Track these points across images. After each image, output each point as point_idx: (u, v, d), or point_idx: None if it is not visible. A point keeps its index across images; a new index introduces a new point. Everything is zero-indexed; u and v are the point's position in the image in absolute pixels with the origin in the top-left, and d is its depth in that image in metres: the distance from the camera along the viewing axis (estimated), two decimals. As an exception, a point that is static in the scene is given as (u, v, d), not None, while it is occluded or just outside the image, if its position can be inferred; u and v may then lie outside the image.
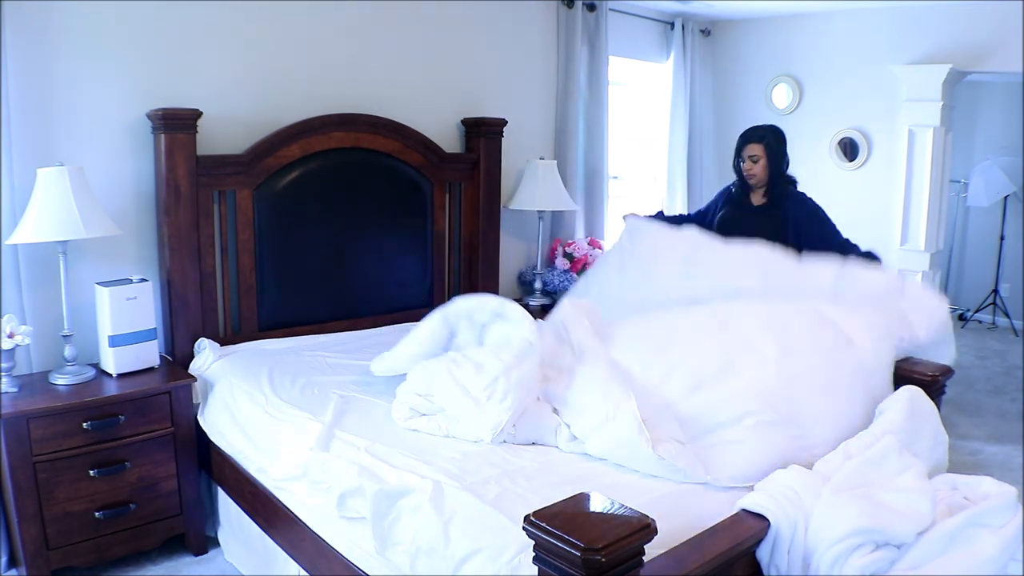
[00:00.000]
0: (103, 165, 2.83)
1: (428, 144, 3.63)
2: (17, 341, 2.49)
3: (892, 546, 1.72)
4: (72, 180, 2.53)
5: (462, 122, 3.90)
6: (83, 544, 2.54)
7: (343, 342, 3.24)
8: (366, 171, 3.44)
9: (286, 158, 3.19)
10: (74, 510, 2.52)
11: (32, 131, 2.67)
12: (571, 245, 4.27)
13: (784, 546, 1.73)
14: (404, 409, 2.45)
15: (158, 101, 2.91)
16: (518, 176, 4.11)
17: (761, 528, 1.74)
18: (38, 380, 2.66)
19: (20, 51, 2.62)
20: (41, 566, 2.48)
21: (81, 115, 2.78)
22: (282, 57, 3.27)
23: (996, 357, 5.96)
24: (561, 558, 1.38)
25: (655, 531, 1.43)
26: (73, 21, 2.72)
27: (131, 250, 2.94)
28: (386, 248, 3.54)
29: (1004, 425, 4.47)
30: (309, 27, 3.33)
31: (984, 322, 6.99)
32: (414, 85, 3.71)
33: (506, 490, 1.97)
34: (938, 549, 1.72)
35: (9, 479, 2.41)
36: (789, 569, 1.72)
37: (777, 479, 1.89)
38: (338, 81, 3.44)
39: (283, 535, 2.43)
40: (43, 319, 2.72)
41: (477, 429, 2.29)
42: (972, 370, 5.58)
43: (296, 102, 3.28)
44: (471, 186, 3.87)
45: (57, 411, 2.46)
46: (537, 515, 1.44)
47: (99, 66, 2.80)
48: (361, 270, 3.47)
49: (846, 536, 1.68)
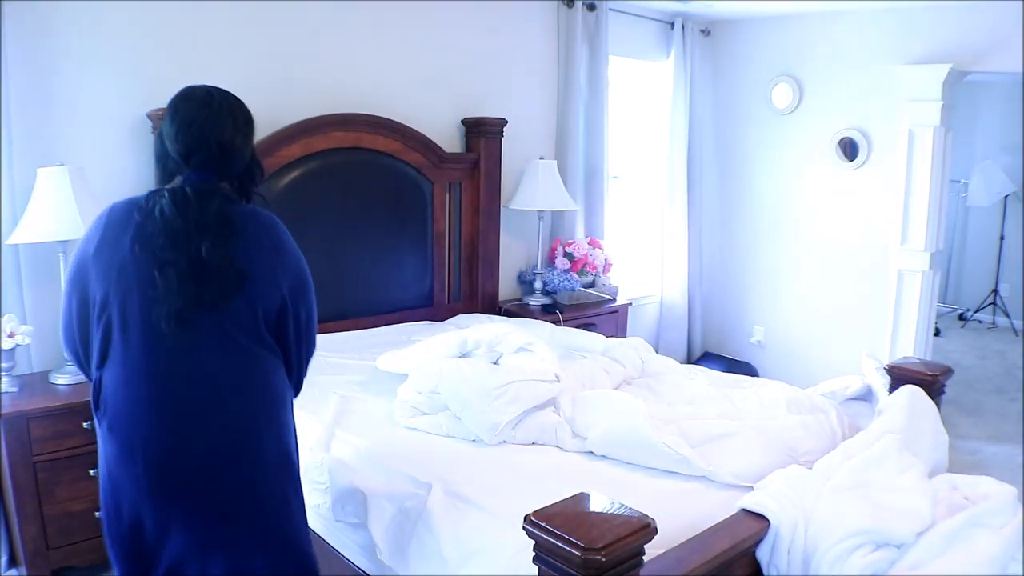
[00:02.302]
0: (103, 165, 2.83)
1: (428, 144, 3.63)
2: (17, 341, 2.49)
3: (892, 546, 1.72)
4: (72, 180, 2.54)
5: (462, 122, 3.89)
6: (83, 544, 2.54)
7: (343, 342, 3.23)
8: (366, 171, 3.44)
9: (286, 158, 3.19)
10: (74, 510, 2.52)
11: (32, 131, 2.67)
12: (571, 245, 4.27)
13: (784, 546, 1.73)
14: (406, 408, 2.45)
15: (158, 101, 2.89)
16: (518, 176, 4.11)
17: (761, 528, 1.74)
18: (38, 380, 2.66)
19: (20, 51, 2.62)
20: (41, 566, 2.48)
21: (81, 115, 2.78)
22: (282, 57, 3.27)
23: (996, 357, 5.96)
24: (561, 558, 1.38)
25: (655, 531, 1.43)
26: (73, 21, 2.72)
27: (131, 250, 2.94)
28: (386, 248, 3.54)
29: (1004, 425, 4.47)
30: (309, 27, 3.33)
31: (984, 322, 6.99)
32: (414, 85, 3.71)
33: (506, 490, 1.97)
34: (938, 549, 1.72)
35: (9, 479, 2.41)
36: (789, 569, 1.72)
37: (777, 479, 1.89)
38: (338, 81, 3.44)
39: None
40: (43, 319, 2.71)
41: (477, 428, 2.29)
42: (972, 370, 5.58)
43: (296, 102, 3.27)
44: (471, 186, 3.87)
45: (57, 411, 2.46)
46: (537, 515, 1.44)
47: (99, 66, 2.80)
48: (361, 270, 3.47)
49: (846, 536, 1.68)
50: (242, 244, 1.61)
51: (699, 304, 5.23)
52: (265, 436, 1.64)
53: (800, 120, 4.77)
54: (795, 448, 2.17)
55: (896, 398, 2.29)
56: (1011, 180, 6.60)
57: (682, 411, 2.49)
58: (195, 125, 1.61)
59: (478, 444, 2.28)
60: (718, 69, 5.14)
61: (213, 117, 1.62)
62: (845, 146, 4.56)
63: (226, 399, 1.59)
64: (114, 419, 1.56)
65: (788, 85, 4.76)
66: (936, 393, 2.45)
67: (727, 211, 5.21)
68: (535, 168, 4.00)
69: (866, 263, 4.55)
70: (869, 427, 2.20)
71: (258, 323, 1.63)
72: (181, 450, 1.55)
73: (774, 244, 5.00)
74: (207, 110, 1.63)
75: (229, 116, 1.65)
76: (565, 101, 4.30)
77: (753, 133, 5.02)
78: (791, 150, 4.85)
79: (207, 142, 1.61)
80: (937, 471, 2.13)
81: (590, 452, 2.23)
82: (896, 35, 4.28)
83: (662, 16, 4.83)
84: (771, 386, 2.69)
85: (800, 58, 4.73)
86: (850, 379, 2.69)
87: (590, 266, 4.27)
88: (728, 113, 5.13)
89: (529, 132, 4.23)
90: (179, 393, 1.55)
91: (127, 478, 1.56)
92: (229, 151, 1.64)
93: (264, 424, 1.64)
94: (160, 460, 1.54)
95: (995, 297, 6.88)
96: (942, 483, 1.99)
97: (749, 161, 5.06)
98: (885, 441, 2.03)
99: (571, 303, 4.12)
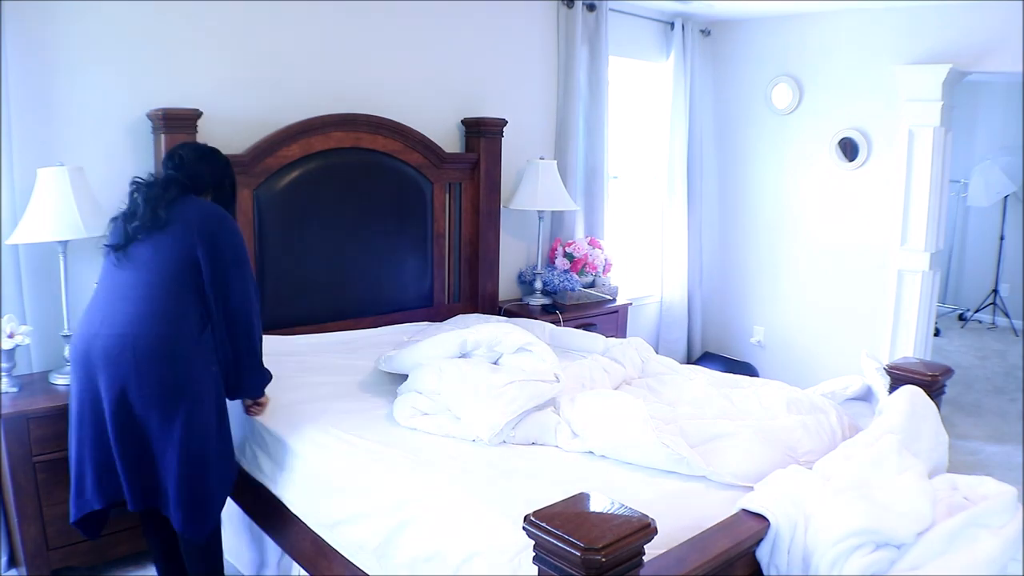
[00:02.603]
0: (103, 165, 2.83)
1: (428, 144, 3.63)
2: (17, 341, 2.49)
3: (892, 546, 1.72)
4: (72, 180, 2.54)
5: (462, 122, 3.89)
6: (83, 544, 2.54)
7: (343, 342, 3.24)
8: (366, 171, 3.44)
9: (286, 158, 3.19)
10: (74, 510, 2.52)
11: (32, 131, 2.67)
12: (571, 245, 4.27)
13: (784, 546, 1.73)
14: (406, 408, 2.45)
15: (158, 101, 2.91)
16: (518, 176, 4.11)
17: (761, 528, 1.74)
18: (38, 380, 2.66)
19: (20, 51, 2.62)
20: (41, 566, 2.48)
21: (81, 115, 2.78)
22: (282, 57, 3.27)
23: (996, 357, 5.96)
24: (561, 558, 1.38)
25: (655, 531, 1.43)
26: (73, 21, 2.72)
27: (131, 250, 2.93)
28: (386, 248, 3.54)
29: (1004, 425, 4.47)
30: (309, 27, 3.33)
31: (984, 322, 6.99)
32: (414, 85, 3.71)
33: (506, 490, 1.96)
34: (938, 549, 1.72)
35: (9, 479, 2.41)
36: (789, 569, 1.72)
37: (777, 479, 1.89)
38: (338, 81, 3.44)
39: (283, 535, 2.43)
40: (43, 319, 2.72)
41: (477, 428, 2.29)
42: (972, 370, 5.58)
43: (296, 102, 3.28)
44: (471, 186, 3.87)
45: (57, 411, 2.45)
46: (537, 515, 1.44)
47: (99, 66, 2.80)
48: (361, 270, 3.47)
49: (846, 536, 1.68)
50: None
51: (699, 304, 5.23)
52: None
53: (800, 120, 4.78)
54: (795, 448, 2.17)
55: (896, 398, 2.28)
56: (1011, 180, 6.60)
57: (682, 411, 2.49)
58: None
59: (477, 444, 2.28)
60: (718, 69, 5.14)
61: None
62: (845, 146, 4.56)
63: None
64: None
65: (788, 85, 4.76)
66: (936, 393, 2.45)
67: (727, 211, 5.21)
68: (535, 168, 4.00)
69: (866, 263, 4.55)
70: (869, 427, 2.20)
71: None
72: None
73: (774, 244, 5.00)
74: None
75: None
76: (565, 101, 4.31)
77: (753, 133, 5.02)
78: (791, 150, 4.85)
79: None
80: (937, 471, 2.13)
81: (590, 452, 2.23)
82: (896, 35, 4.28)
83: (662, 16, 4.83)
84: (771, 386, 2.69)
85: (800, 58, 4.73)
86: (850, 379, 2.69)
87: (590, 266, 4.27)
88: (728, 113, 5.14)
89: (529, 132, 4.23)
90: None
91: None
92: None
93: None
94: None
95: (995, 297, 6.89)
96: (942, 483, 1.99)
97: (749, 161, 5.06)
98: (885, 441, 2.03)
99: (571, 303, 4.12)
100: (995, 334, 6.68)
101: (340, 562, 2.15)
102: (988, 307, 6.94)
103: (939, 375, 2.47)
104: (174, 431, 2.11)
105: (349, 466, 2.19)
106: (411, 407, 2.45)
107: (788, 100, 4.78)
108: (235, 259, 2.24)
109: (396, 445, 2.26)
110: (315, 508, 2.23)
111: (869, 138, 4.46)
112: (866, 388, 2.64)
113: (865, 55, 4.42)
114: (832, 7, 4.44)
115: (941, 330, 6.54)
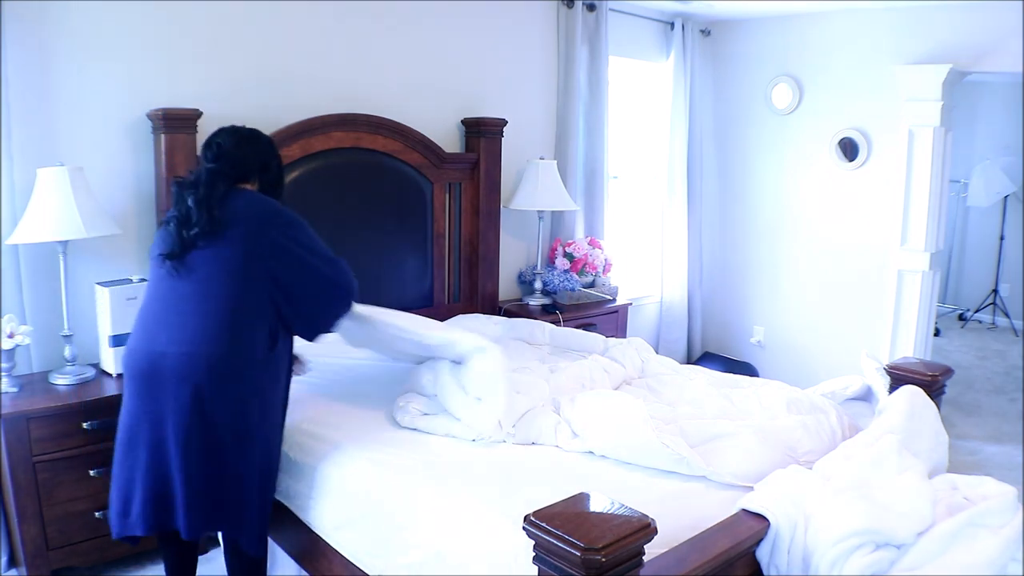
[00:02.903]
0: (103, 165, 2.83)
1: (428, 144, 3.63)
2: (17, 341, 2.49)
3: (892, 546, 1.72)
4: (72, 180, 2.53)
5: (462, 122, 3.89)
6: (83, 544, 2.54)
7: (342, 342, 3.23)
8: (366, 171, 3.44)
9: (286, 158, 3.18)
10: (74, 510, 2.52)
11: (32, 131, 2.67)
12: (571, 245, 4.27)
13: (784, 546, 1.73)
14: (407, 409, 2.45)
15: (158, 101, 2.91)
16: (518, 176, 4.11)
17: (761, 528, 1.74)
18: (38, 380, 2.66)
19: (20, 51, 2.62)
20: (41, 566, 2.48)
21: (81, 115, 2.78)
22: (282, 57, 3.26)
23: (996, 357, 5.96)
24: (561, 558, 1.38)
25: (655, 531, 1.43)
26: (73, 21, 2.72)
27: (131, 250, 2.93)
28: (386, 248, 3.54)
29: (1004, 425, 4.47)
30: (309, 27, 3.33)
31: (984, 322, 7.00)
32: (414, 85, 3.71)
33: (506, 490, 1.97)
34: (938, 549, 1.72)
35: (9, 479, 2.41)
36: (789, 569, 1.72)
37: (777, 479, 1.89)
38: (338, 81, 3.44)
39: (283, 535, 2.43)
40: (43, 319, 2.72)
41: (477, 428, 2.29)
42: (972, 370, 5.58)
43: (296, 102, 3.27)
44: (471, 186, 3.87)
45: (57, 411, 2.46)
46: (537, 515, 1.44)
47: (99, 66, 2.79)
48: (361, 270, 3.43)
49: (846, 536, 1.68)
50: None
51: (699, 304, 5.23)
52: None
53: (800, 120, 4.78)
54: (795, 448, 2.17)
55: (896, 398, 2.29)
56: (1011, 180, 6.60)
57: (682, 411, 2.49)
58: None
59: (478, 444, 2.28)
60: (718, 69, 5.14)
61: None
62: (845, 146, 4.56)
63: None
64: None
65: (788, 85, 4.76)
66: (936, 393, 2.45)
67: (727, 211, 5.21)
68: (535, 168, 4.00)
69: (866, 263, 4.55)
70: (869, 427, 2.20)
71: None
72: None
73: (774, 244, 5.00)
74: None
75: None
76: (565, 101, 4.30)
77: (753, 133, 5.02)
78: (791, 150, 4.85)
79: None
80: (937, 471, 2.13)
81: (590, 452, 2.23)
82: (896, 35, 4.28)
83: (662, 16, 4.83)
84: (771, 386, 2.69)
85: (800, 58, 4.73)
86: (850, 379, 2.69)
87: (590, 266, 4.27)
88: (728, 113, 5.14)
89: (529, 132, 4.23)
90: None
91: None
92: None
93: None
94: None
95: (995, 297, 6.89)
96: (942, 483, 1.99)
97: (749, 161, 5.06)
98: (885, 441, 2.03)
99: (571, 303, 4.12)
100: (995, 334, 6.68)
101: (340, 562, 2.16)
102: (988, 307, 6.94)
103: (939, 375, 2.47)
104: (254, 453, 2.05)
105: (349, 467, 2.19)
106: (411, 408, 2.45)
107: (788, 100, 4.78)
108: (299, 259, 2.14)
109: (396, 445, 2.27)
110: (318, 509, 2.23)
111: (869, 138, 4.46)
112: (866, 388, 2.64)
113: (865, 55, 4.42)
114: (832, 7, 4.44)
115: (941, 330, 6.54)
